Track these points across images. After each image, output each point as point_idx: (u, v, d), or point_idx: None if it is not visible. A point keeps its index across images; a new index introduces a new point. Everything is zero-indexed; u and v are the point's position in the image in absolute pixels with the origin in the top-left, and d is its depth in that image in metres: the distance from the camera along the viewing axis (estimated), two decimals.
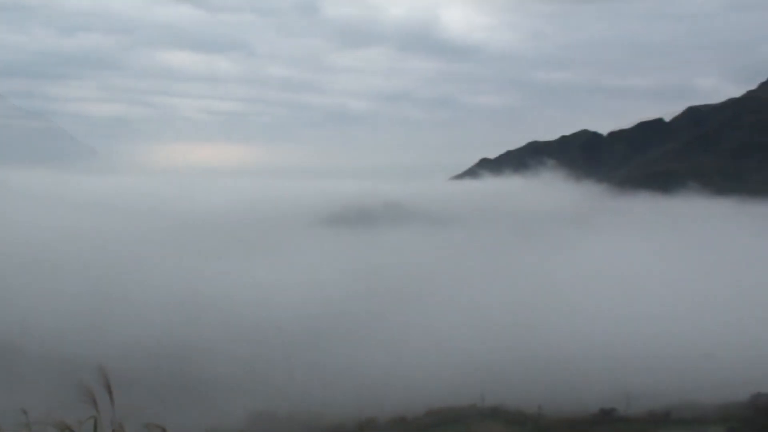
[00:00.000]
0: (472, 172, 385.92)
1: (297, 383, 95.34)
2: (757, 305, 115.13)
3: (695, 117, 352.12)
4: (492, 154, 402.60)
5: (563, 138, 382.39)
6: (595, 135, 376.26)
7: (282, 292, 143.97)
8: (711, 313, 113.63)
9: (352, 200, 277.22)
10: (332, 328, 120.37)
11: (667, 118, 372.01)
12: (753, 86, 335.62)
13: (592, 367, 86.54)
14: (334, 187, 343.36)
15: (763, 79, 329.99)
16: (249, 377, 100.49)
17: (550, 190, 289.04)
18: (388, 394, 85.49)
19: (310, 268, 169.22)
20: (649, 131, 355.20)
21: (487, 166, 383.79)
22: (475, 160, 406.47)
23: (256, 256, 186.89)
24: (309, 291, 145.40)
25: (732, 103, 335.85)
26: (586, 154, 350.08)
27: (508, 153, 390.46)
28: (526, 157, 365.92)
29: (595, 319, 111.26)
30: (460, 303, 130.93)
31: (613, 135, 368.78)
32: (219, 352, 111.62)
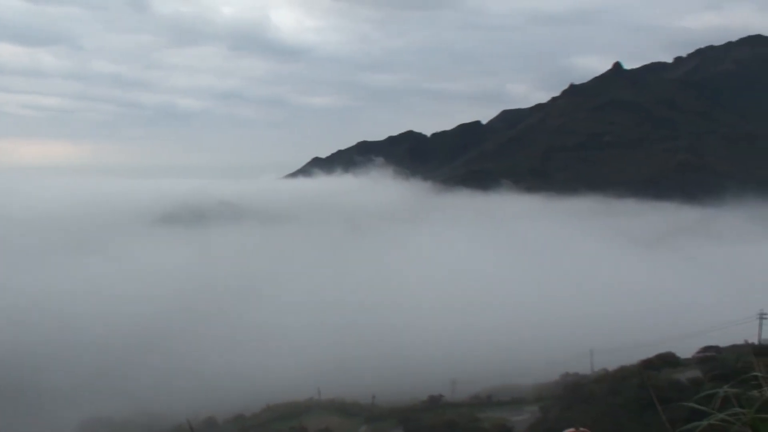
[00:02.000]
0: (304, 171, 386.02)
1: (135, 386, 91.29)
2: (564, 292, 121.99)
3: (508, 120, 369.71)
4: (323, 154, 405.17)
5: (390, 138, 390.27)
6: (420, 136, 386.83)
7: (116, 294, 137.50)
8: (524, 300, 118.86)
9: (185, 199, 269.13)
10: (169, 328, 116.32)
11: (484, 121, 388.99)
12: (557, 93, 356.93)
13: (422, 357, 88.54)
14: (167, 186, 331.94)
15: (565, 87, 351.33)
16: (84, 382, 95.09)
17: (379, 188, 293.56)
18: (227, 393, 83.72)
19: (145, 269, 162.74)
20: (468, 133, 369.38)
21: (318, 164, 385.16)
22: (307, 159, 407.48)
23: (88, 258, 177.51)
24: (144, 292, 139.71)
25: (540, 108, 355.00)
26: (411, 154, 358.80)
27: (339, 152, 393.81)
28: (356, 157, 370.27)
29: (423, 310, 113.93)
30: (295, 299, 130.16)
31: (436, 136, 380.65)
32: (52, 357, 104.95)
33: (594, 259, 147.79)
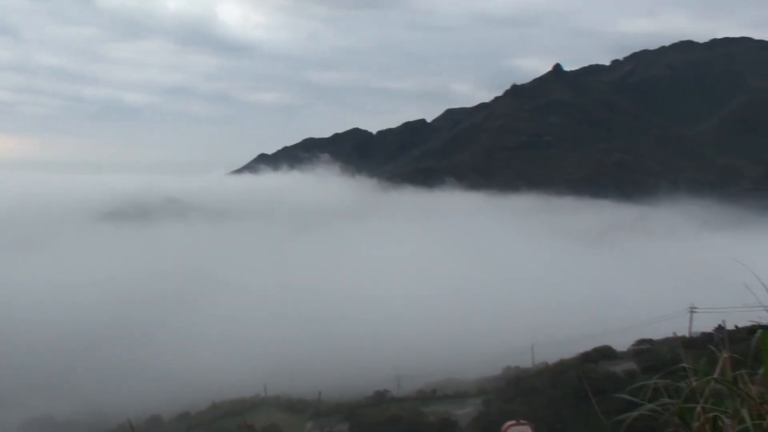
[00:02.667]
0: (250, 167, 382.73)
1: (79, 385, 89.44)
2: (506, 288, 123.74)
3: (453, 119, 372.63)
4: (270, 150, 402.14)
5: (337, 135, 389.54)
6: (366, 133, 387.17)
7: (59, 292, 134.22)
8: (467, 296, 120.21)
9: (130, 195, 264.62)
10: (113, 327, 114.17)
11: (429, 119, 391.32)
12: (500, 93, 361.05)
13: (368, 352, 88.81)
14: (112, 182, 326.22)
15: (508, 87, 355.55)
16: (26, 382, 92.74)
17: (325, 185, 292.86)
18: (173, 391, 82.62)
19: (89, 266, 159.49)
20: (414, 131, 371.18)
21: (265, 161, 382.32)
22: (254, 155, 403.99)
23: (31, 255, 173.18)
24: (88, 290, 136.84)
25: (483, 107, 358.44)
26: (357, 151, 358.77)
27: (285, 149, 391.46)
28: (302, 153, 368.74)
29: (369, 306, 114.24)
30: (241, 296, 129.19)
31: (382, 134, 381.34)
32: None
33: (535, 255, 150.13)
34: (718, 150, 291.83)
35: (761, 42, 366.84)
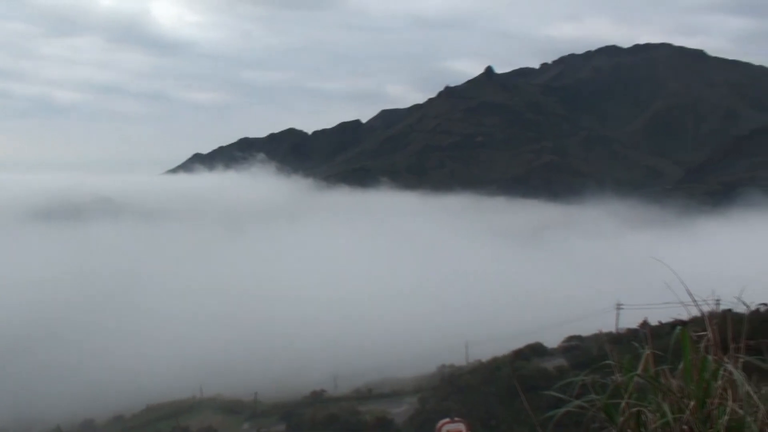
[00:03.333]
0: (185, 167, 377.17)
1: (9, 390, 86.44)
2: (441, 286, 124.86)
3: (387, 120, 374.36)
4: (205, 150, 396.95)
5: (272, 135, 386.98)
6: (301, 133, 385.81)
7: None
8: (403, 295, 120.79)
9: (60, 194, 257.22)
10: (43, 329, 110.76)
11: (364, 120, 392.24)
12: (433, 95, 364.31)
13: (305, 352, 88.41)
14: (41, 181, 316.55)
15: (441, 89, 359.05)
16: None
17: (261, 185, 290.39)
18: (106, 394, 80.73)
19: (17, 266, 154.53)
20: (349, 131, 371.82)
21: (200, 160, 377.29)
22: (188, 154, 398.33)
23: None
24: (17, 291, 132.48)
25: (417, 108, 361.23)
26: (293, 151, 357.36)
27: (221, 148, 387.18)
28: (237, 153, 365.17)
29: (305, 306, 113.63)
30: (175, 297, 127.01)
31: (317, 134, 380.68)
32: None
33: (468, 255, 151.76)
34: (641, 151, 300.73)
35: (680, 48, 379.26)
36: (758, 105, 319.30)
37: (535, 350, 69.24)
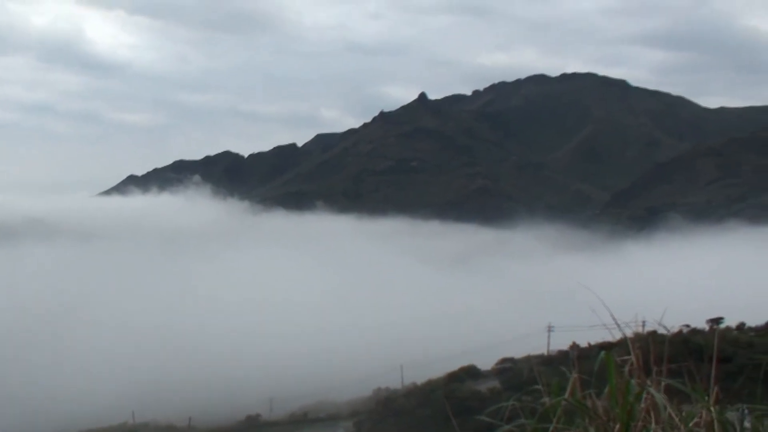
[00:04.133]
0: (119, 189, 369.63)
1: None
2: (375, 309, 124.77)
3: (323, 143, 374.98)
4: (139, 171, 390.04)
5: (208, 158, 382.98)
6: (237, 156, 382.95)
7: None
8: (338, 317, 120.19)
9: None
10: None
11: (300, 144, 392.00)
12: (368, 119, 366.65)
13: (240, 377, 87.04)
14: None
15: (376, 114, 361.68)
16: None
17: (196, 207, 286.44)
18: (38, 421, 77.83)
19: None
20: (285, 154, 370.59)
21: (134, 182, 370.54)
22: (123, 176, 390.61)
23: None
24: None
25: (352, 133, 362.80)
26: (229, 174, 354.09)
27: (156, 170, 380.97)
28: (172, 175, 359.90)
29: (240, 330, 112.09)
30: (108, 321, 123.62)
31: (253, 157, 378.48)
32: None
33: (403, 278, 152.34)
34: (570, 177, 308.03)
35: (604, 78, 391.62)
36: (677, 133, 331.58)
37: (469, 373, 69.72)
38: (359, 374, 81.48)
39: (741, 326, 68.21)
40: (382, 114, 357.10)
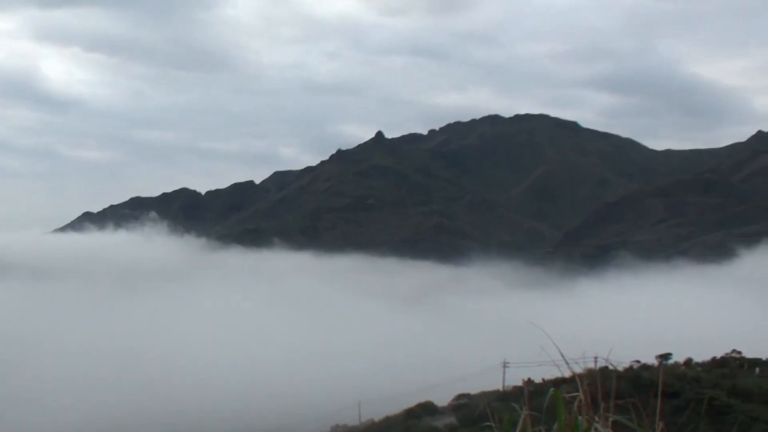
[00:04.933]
0: (74, 226, 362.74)
1: None
2: (333, 347, 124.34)
3: (280, 181, 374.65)
4: (95, 208, 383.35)
5: (165, 195, 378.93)
6: (194, 193, 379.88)
7: None
8: (296, 355, 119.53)
9: None
10: None
11: (257, 181, 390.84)
12: (325, 157, 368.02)
13: (197, 412, 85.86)
14: None
15: (333, 152, 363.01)
16: None
17: (153, 244, 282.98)
18: None
19: None
20: (242, 192, 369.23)
21: (90, 219, 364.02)
22: (78, 213, 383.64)
23: None
24: None
25: (309, 171, 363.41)
26: (185, 211, 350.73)
27: (112, 207, 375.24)
28: (128, 212, 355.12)
29: (197, 366, 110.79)
30: (65, 358, 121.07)
31: (210, 194, 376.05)
32: None
33: (360, 315, 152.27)
34: (523, 215, 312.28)
35: (556, 119, 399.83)
36: (627, 174, 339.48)
37: (427, 409, 69.85)
38: (317, 411, 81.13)
39: (688, 362, 69.89)
40: (339, 152, 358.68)
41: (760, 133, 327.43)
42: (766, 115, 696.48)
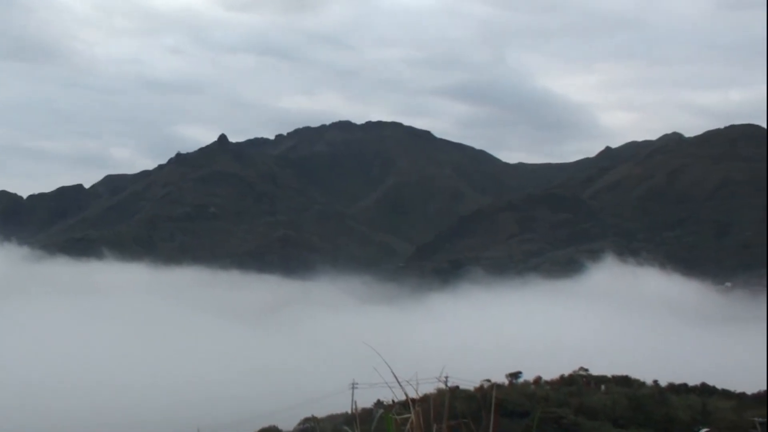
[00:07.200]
0: None
1: None
2: (169, 368, 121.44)
3: (113, 186, 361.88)
4: None
5: None
6: (15, 197, 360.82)
7: None
8: (128, 377, 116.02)
9: None
10: None
11: (87, 185, 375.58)
12: (163, 161, 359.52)
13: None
14: None
15: (172, 156, 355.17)
16: None
17: None
18: None
19: None
20: (70, 196, 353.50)
21: None
22: None
23: None
24: None
25: (146, 175, 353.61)
26: (5, 217, 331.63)
27: None
28: None
29: (18, 387, 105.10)
30: None
31: (33, 198, 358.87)
32: None
33: (198, 333, 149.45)
34: (374, 228, 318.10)
35: (409, 128, 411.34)
36: (480, 187, 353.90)
37: None
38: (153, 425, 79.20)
39: (538, 380, 74.07)
40: (178, 156, 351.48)
41: (607, 149, 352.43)
42: (612, 131, 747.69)
